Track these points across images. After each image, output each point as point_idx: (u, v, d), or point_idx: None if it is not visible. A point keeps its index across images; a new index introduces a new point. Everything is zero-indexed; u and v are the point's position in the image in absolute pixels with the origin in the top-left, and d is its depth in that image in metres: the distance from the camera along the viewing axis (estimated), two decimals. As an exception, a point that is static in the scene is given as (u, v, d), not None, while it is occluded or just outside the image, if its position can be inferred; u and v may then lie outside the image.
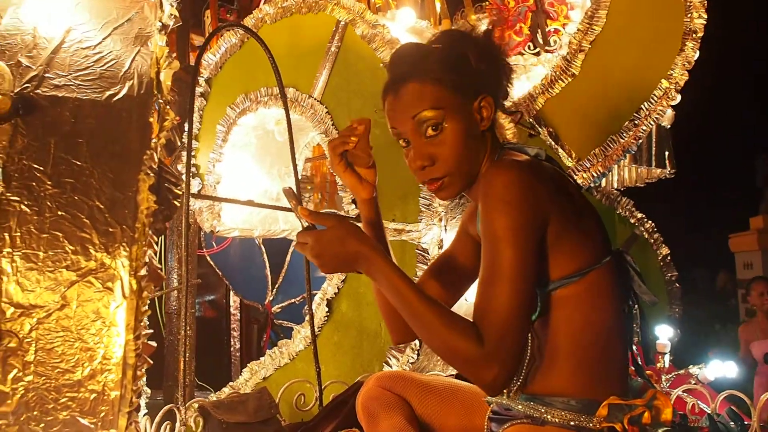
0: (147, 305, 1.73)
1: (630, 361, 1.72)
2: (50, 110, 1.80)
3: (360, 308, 3.36)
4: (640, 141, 3.31)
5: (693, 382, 3.15)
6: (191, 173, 2.76)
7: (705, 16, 3.03)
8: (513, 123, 3.22)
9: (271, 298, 5.73)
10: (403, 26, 4.06)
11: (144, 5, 1.95)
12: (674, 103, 3.19)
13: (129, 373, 1.68)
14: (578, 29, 3.32)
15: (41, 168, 1.75)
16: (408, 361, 3.11)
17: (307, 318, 3.11)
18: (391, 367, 3.14)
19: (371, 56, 3.37)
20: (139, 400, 1.71)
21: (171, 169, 1.86)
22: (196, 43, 5.56)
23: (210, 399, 2.88)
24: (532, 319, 1.58)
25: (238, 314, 6.39)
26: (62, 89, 1.82)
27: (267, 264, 5.65)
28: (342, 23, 3.46)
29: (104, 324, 1.69)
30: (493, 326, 1.47)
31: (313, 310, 3.18)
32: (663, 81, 3.09)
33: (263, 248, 5.61)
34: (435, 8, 4.67)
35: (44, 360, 1.68)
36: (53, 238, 1.72)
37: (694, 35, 3.04)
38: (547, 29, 4.14)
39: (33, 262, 1.70)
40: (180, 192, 1.89)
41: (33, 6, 1.93)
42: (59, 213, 1.73)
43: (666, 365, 3.41)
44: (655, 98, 3.12)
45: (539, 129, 3.39)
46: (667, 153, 4.73)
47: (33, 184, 1.74)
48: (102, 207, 1.73)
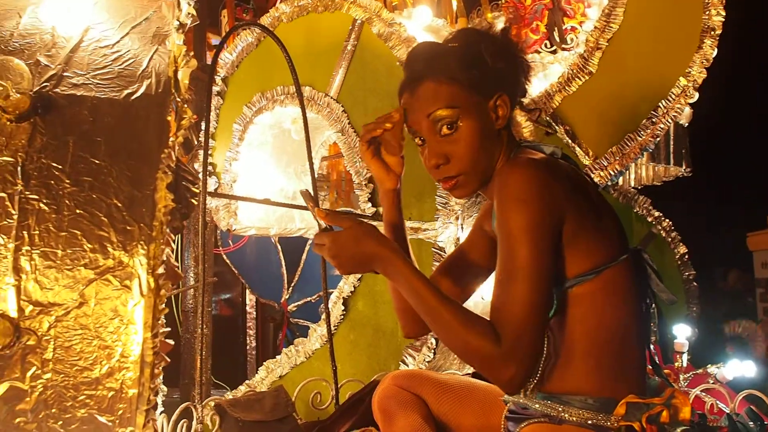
0: (164, 303, 1.73)
1: (648, 360, 1.71)
2: (69, 109, 1.81)
3: (376, 307, 3.36)
4: (658, 139, 3.28)
5: (711, 382, 3.12)
6: (208, 172, 2.77)
7: (723, 13, 3.00)
8: (531, 121, 3.21)
9: (287, 297, 5.73)
10: (420, 24, 4.05)
11: (162, 4, 1.96)
12: (692, 101, 3.16)
13: (147, 371, 1.68)
14: (595, 27, 3.30)
15: (60, 166, 1.76)
16: (424, 360, 3.10)
17: (324, 316, 3.11)
18: (408, 366, 3.14)
19: (388, 55, 3.37)
20: (157, 398, 1.72)
21: (188, 168, 1.87)
22: (213, 42, 5.57)
23: (226, 397, 2.88)
24: (548, 317, 1.58)
25: (254, 313, 6.39)
26: (81, 88, 1.83)
27: (283, 262, 5.65)
28: (358, 22, 3.46)
29: (122, 322, 1.69)
30: (510, 325, 1.47)
31: (330, 309, 3.18)
32: (681, 79, 3.07)
33: (279, 247, 5.60)
34: (451, 6, 4.65)
35: (63, 358, 1.68)
36: (71, 236, 1.73)
37: (713, 32, 3.01)
38: (564, 27, 4.12)
39: (51, 260, 1.71)
40: (197, 190, 1.90)
41: (52, 5, 1.94)
42: (77, 211, 1.74)
43: (684, 364, 3.38)
44: (673, 96, 3.09)
45: (556, 127, 3.37)
46: (685, 151, 4.70)
47: (51, 183, 1.75)
48: (120, 205, 1.74)
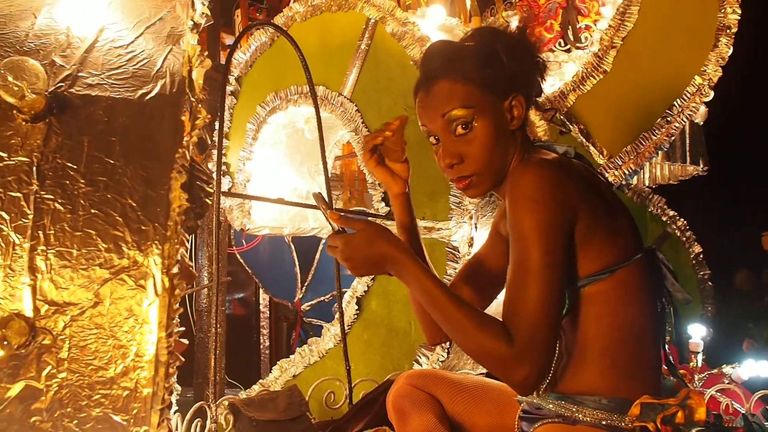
0: (179, 303, 1.74)
1: (663, 360, 1.71)
2: (84, 109, 1.81)
3: (390, 306, 3.36)
4: (673, 138, 3.27)
5: (726, 382, 3.11)
6: (222, 171, 2.78)
7: (739, 11, 2.99)
8: (545, 120, 3.20)
9: (301, 296, 5.74)
10: (433, 24, 4.05)
11: (176, 4, 1.96)
12: (707, 100, 3.15)
13: (161, 371, 1.68)
14: (610, 25, 3.29)
15: (75, 166, 1.76)
16: (438, 360, 3.10)
17: (337, 316, 3.11)
18: (421, 366, 3.14)
19: (401, 54, 3.37)
20: (171, 398, 1.72)
21: (202, 168, 1.87)
22: (227, 42, 5.59)
23: (240, 396, 2.89)
24: (562, 317, 1.58)
25: (268, 312, 6.41)
26: (95, 88, 1.83)
27: (296, 262, 5.66)
28: (372, 21, 3.46)
29: (137, 321, 1.70)
30: (523, 325, 1.47)
31: (343, 308, 3.18)
32: (696, 77, 3.06)
33: (293, 246, 5.62)
34: (465, 5, 4.65)
35: (78, 357, 1.69)
36: (86, 236, 1.73)
37: (728, 31, 3.00)
38: (578, 26, 4.11)
39: (67, 260, 1.72)
40: (211, 190, 1.90)
41: (67, 6, 1.94)
42: (92, 211, 1.74)
43: (699, 365, 3.37)
44: (688, 95, 3.08)
45: (570, 126, 3.36)
46: (700, 150, 4.68)
47: (66, 183, 1.75)
48: (134, 205, 1.74)
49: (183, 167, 1.76)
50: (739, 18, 3.00)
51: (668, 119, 3.13)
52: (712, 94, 3.10)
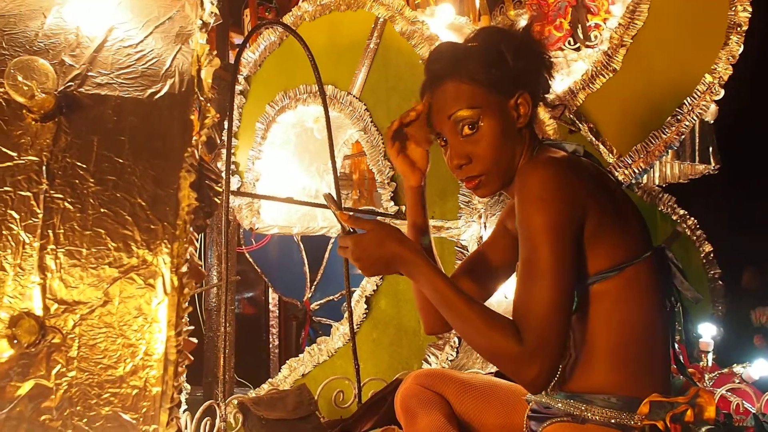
0: (188, 302, 1.74)
1: (672, 359, 1.70)
2: (93, 108, 1.82)
3: (399, 305, 3.36)
4: (683, 137, 3.26)
5: (737, 381, 3.10)
6: (231, 171, 2.78)
7: (750, 9, 2.97)
8: (555, 117, 3.20)
9: (310, 295, 5.75)
10: (442, 22, 4.04)
11: (185, 4, 1.96)
12: (718, 98, 3.14)
13: (170, 370, 1.69)
14: (619, 24, 3.29)
15: (84, 165, 1.76)
16: (447, 359, 3.10)
17: (346, 315, 3.11)
18: (430, 365, 3.13)
19: (410, 53, 3.37)
20: (180, 396, 1.72)
21: (211, 167, 1.87)
22: (236, 42, 5.59)
23: (249, 395, 2.89)
24: (571, 316, 1.57)
25: (277, 311, 6.41)
26: (105, 87, 1.84)
27: (305, 261, 5.66)
28: (381, 20, 3.46)
29: (146, 320, 1.70)
30: (533, 324, 1.47)
31: (352, 307, 3.18)
32: (706, 75, 3.05)
33: (302, 245, 5.62)
34: (474, 4, 4.63)
35: (87, 356, 1.69)
36: (96, 235, 1.73)
37: (739, 29, 2.99)
38: (588, 24, 4.10)
39: (76, 259, 1.72)
40: (220, 189, 1.90)
41: (76, 5, 1.95)
42: (102, 210, 1.74)
43: (709, 364, 3.36)
44: (699, 93, 3.07)
45: (580, 125, 3.36)
46: (711, 148, 4.66)
47: (76, 182, 1.75)
48: (144, 204, 1.74)
49: (192, 166, 1.76)
50: (750, 16, 2.99)
51: (678, 118, 3.12)
52: (723, 93, 3.09)
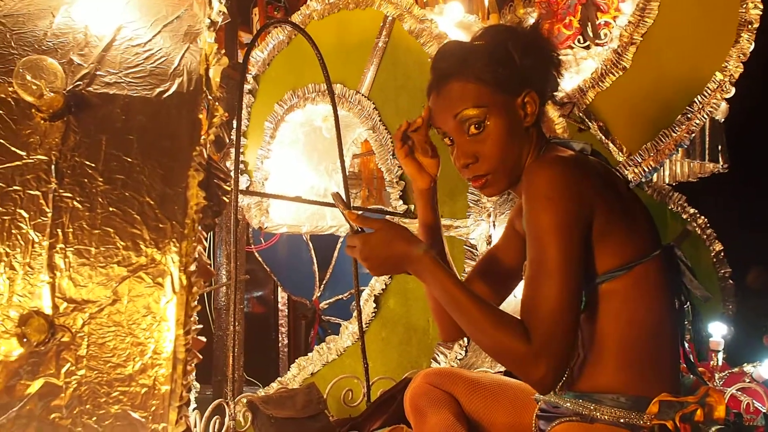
0: (197, 301, 1.74)
1: (682, 358, 1.70)
2: (101, 107, 1.82)
3: (408, 304, 3.35)
4: (693, 135, 3.25)
5: (747, 381, 3.09)
6: (240, 170, 2.78)
7: (761, 7, 2.96)
8: (564, 115, 3.19)
9: (319, 294, 5.75)
10: (451, 21, 4.03)
11: (193, 2, 1.96)
12: (728, 96, 3.12)
13: (179, 368, 1.69)
14: (629, 22, 3.27)
15: (93, 165, 1.77)
16: (456, 358, 3.10)
17: (355, 314, 3.11)
18: (439, 364, 3.13)
19: (419, 51, 3.36)
20: (189, 395, 1.72)
21: (220, 166, 1.87)
22: (244, 41, 5.59)
23: (258, 394, 2.89)
24: (579, 315, 1.57)
25: (286, 310, 6.41)
26: (113, 86, 1.84)
27: (314, 260, 5.66)
28: (389, 18, 3.45)
29: (155, 319, 1.70)
30: (541, 323, 1.46)
31: (361, 306, 3.18)
32: (717, 73, 3.03)
33: (311, 244, 5.62)
34: (483, 2, 4.63)
35: (96, 354, 1.69)
36: (105, 234, 1.73)
37: (750, 26, 2.97)
38: (598, 22, 4.08)
39: (85, 258, 1.72)
40: (229, 188, 1.90)
41: (85, 4, 1.95)
42: (110, 209, 1.74)
43: (719, 363, 3.35)
44: (709, 91, 3.05)
45: (589, 123, 3.35)
46: (721, 147, 4.64)
47: (85, 181, 1.76)
48: (152, 203, 1.75)
49: (200, 165, 1.76)
50: (761, 13, 2.98)
51: (688, 116, 3.10)
52: (733, 91, 3.08)
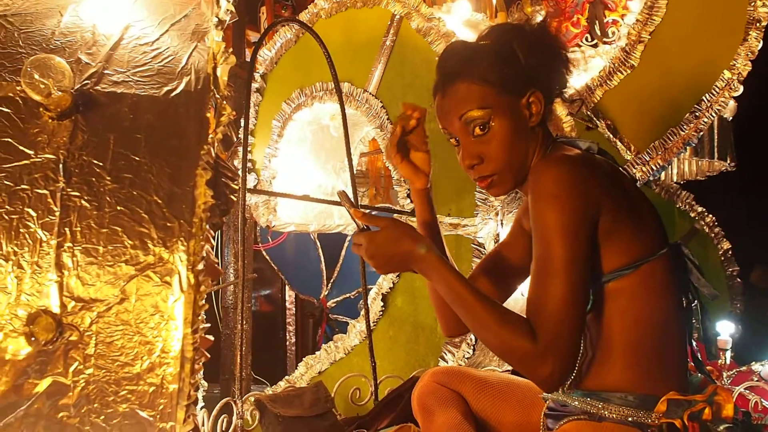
0: (204, 299, 1.74)
1: (690, 357, 1.69)
2: (109, 106, 1.82)
3: (415, 303, 3.35)
4: (701, 133, 3.24)
5: (755, 379, 3.07)
6: (247, 168, 2.78)
7: (770, 5, 2.95)
8: (573, 113, 3.18)
9: (327, 293, 5.75)
10: (459, 19, 4.03)
11: (201, 1, 1.96)
12: (736, 94, 3.11)
13: (187, 367, 1.69)
14: (637, 20, 3.27)
15: (101, 163, 1.77)
16: (463, 357, 3.09)
17: (363, 313, 3.11)
18: (447, 363, 3.13)
19: (426, 50, 3.36)
20: (197, 394, 1.72)
21: (228, 164, 1.87)
22: (252, 40, 5.59)
23: (266, 393, 2.89)
24: (586, 314, 1.57)
25: (294, 309, 6.41)
26: (121, 85, 1.84)
27: (322, 259, 5.66)
28: (397, 17, 3.45)
29: (163, 318, 1.70)
30: (547, 322, 1.46)
31: (369, 305, 3.18)
32: (725, 72, 3.02)
33: (318, 243, 5.62)
34: (491, 1, 4.62)
35: (104, 353, 1.70)
36: (112, 233, 1.74)
37: (758, 24, 2.96)
38: (606, 20, 4.07)
39: (93, 257, 1.73)
40: (236, 187, 1.90)
41: (92, 3, 1.95)
42: (118, 208, 1.75)
43: (727, 361, 3.34)
44: (717, 89, 3.05)
45: (597, 122, 3.34)
46: (729, 145, 4.63)
47: (93, 180, 1.76)
48: (160, 202, 1.75)
49: (208, 164, 1.76)
50: (770, 11, 2.97)
51: (696, 114, 3.10)
52: (741, 89, 3.07)
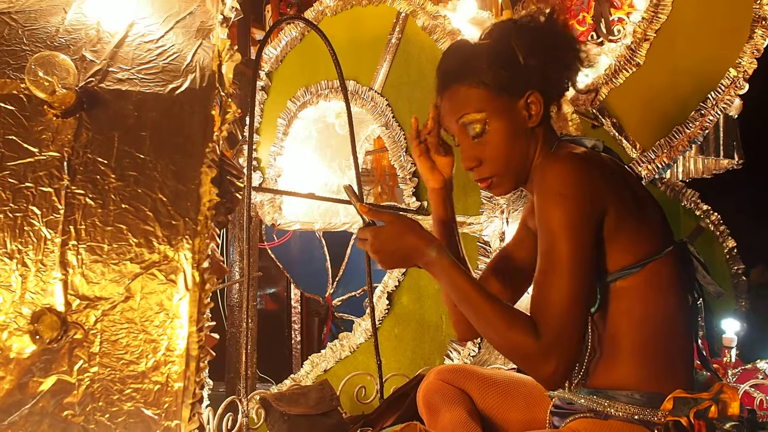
0: (210, 298, 1.74)
1: (695, 354, 1.69)
2: (114, 104, 1.82)
3: (421, 301, 3.35)
4: (707, 131, 3.23)
5: (761, 377, 3.06)
6: (252, 166, 2.78)
7: (776, 3, 2.94)
8: (584, 107, 3.18)
9: (332, 291, 5.75)
10: (465, 17, 4.01)
11: (206, -2, 1.96)
12: (742, 92, 3.10)
13: (192, 365, 1.69)
14: (643, 18, 3.26)
15: (105, 161, 1.77)
16: (469, 355, 3.08)
17: (368, 311, 3.10)
18: (452, 361, 3.12)
19: (432, 48, 3.35)
20: (202, 392, 1.72)
21: (233, 162, 1.87)
22: (257, 38, 5.59)
23: (271, 391, 2.89)
24: (592, 312, 1.57)
25: (299, 307, 6.41)
26: (125, 83, 1.84)
27: (327, 257, 5.66)
28: (403, 15, 3.44)
29: (168, 316, 1.70)
30: (551, 320, 1.46)
31: (374, 303, 3.17)
32: (731, 70, 3.01)
33: (323, 241, 5.62)
34: (497, -2, 4.61)
35: (109, 351, 1.69)
36: (117, 231, 1.74)
37: (764, 22, 2.95)
38: (611, 18, 4.06)
39: (98, 255, 1.72)
40: (242, 185, 1.90)
41: (97, 1, 1.95)
42: (123, 206, 1.74)
43: (732, 359, 3.33)
44: (723, 87, 3.04)
45: (603, 120, 3.33)
46: (735, 143, 4.61)
47: (97, 177, 1.76)
48: (165, 199, 1.74)
49: (213, 162, 1.76)
50: (776, 9, 2.96)
51: (702, 112, 3.09)
52: (747, 87, 3.06)
